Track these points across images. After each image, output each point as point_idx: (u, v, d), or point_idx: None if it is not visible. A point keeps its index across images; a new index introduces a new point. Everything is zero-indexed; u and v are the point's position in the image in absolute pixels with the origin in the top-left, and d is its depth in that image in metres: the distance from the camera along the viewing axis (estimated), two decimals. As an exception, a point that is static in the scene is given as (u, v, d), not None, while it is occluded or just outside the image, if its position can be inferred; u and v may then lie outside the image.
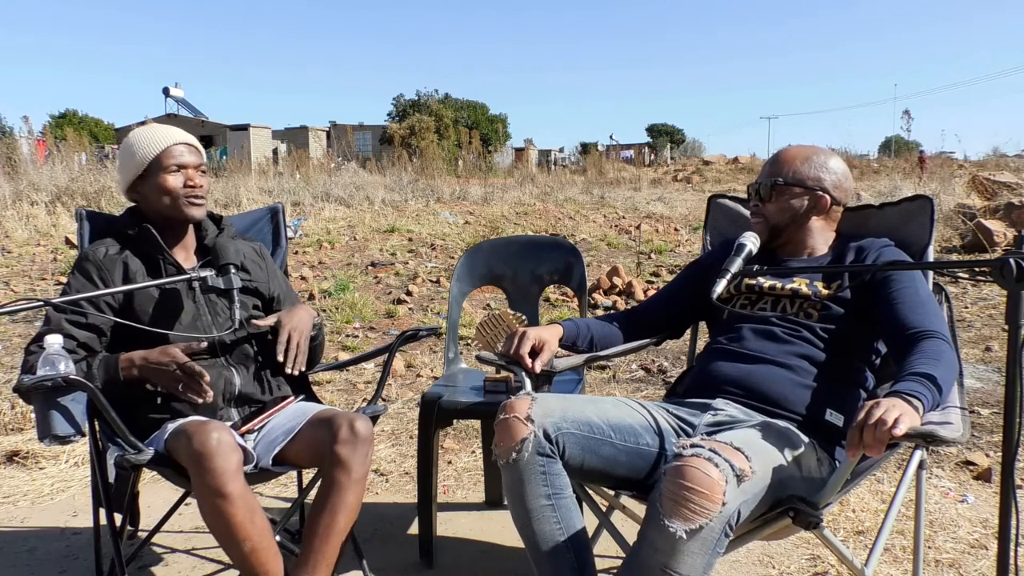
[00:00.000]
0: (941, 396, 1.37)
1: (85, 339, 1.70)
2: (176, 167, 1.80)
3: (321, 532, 1.60)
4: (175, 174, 1.80)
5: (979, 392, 3.55)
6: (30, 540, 2.31)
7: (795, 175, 1.76)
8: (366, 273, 7.12)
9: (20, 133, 15.16)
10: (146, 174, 1.80)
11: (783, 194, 1.76)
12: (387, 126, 38.22)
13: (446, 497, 2.62)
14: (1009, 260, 1.17)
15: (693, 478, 1.22)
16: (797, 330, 1.66)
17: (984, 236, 8.01)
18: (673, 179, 24.95)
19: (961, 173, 16.32)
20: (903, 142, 45.85)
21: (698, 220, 11.29)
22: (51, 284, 6.35)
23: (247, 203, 11.36)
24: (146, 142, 1.80)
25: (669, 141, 52.16)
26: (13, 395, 2.83)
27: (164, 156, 1.79)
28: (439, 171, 16.61)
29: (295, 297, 2.07)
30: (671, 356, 4.35)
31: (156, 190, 1.80)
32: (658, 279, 6.82)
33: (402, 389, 3.81)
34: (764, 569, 2.09)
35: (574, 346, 1.82)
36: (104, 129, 37.73)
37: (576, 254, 2.45)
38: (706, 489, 1.21)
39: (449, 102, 41.18)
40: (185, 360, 1.68)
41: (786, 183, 1.76)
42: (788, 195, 1.76)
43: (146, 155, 1.79)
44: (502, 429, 1.47)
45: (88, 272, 1.74)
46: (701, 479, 1.22)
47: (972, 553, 2.15)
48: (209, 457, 1.47)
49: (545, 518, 1.43)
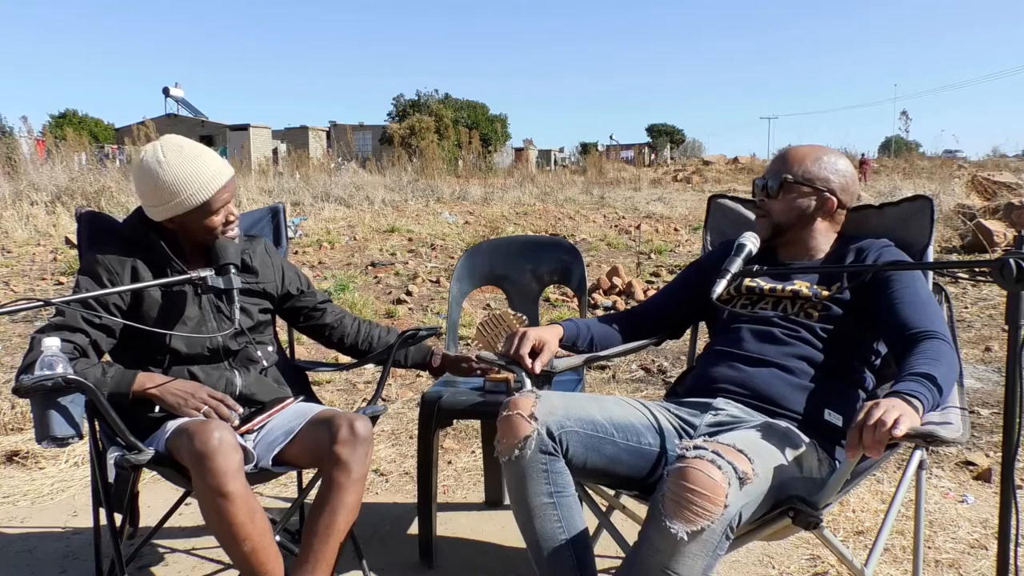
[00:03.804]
0: (941, 396, 1.36)
1: (96, 337, 1.69)
2: (221, 205, 1.77)
3: (321, 532, 1.60)
4: (219, 214, 1.77)
5: (979, 392, 3.55)
6: (30, 540, 2.31)
7: (805, 174, 1.75)
8: (366, 273, 7.12)
9: (20, 133, 15.16)
10: (190, 213, 1.74)
11: (791, 192, 1.75)
12: (387, 126, 38.21)
13: (446, 497, 2.62)
14: (1009, 260, 1.17)
15: (696, 480, 1.22)
16: (797, 331, 1.66)
17: (984, 236, 8.01)
18: (673, 179, 24.95)
19: (961, 173, 16.32)
20: (903, 142, 45.85)
21: (698, 220, 11.30)
22: (51, 284, 6.35)
23: (247, 203, 11.36)
24: (196, 186, 1.71)
25: (669, 141, 52.17)
26: (13, 395, 2.83)
27: (213, 200, 1.74)
28: (439, 171, 16.62)
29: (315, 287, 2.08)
30: (671, 356, 4.35)
31: (197, 227, 1.77)
32: (658, 279, 6.81)
33: (402, 389, 3.81)
34: (764, 569, 2.09)
35: (574, 346, 1.81)
36: (104, 129, 37.72)
37: (576, 254, 2.45)
38: (708, 491, 1.21)
39: (449, 102, 41.16)
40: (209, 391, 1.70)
41: (795, 181, 1.75)
42: (796, 193, 1.75)
43: (195, 200, 1.72)
44: (505, 426, 1.47)
45: (98, 274, 1.74)
46: (704, 481, 1.21)
47: (972, 553, 2.15)
48: (210, 456, 1.47)
49: (547, 516, 1.43)
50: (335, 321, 2.03)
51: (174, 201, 1.72)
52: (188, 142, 1.77)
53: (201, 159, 1.74)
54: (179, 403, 1.67)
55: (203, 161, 1.74)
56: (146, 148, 1.76)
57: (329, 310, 2.04)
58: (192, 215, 1.75)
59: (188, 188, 1.71)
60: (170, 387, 1.68)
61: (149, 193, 1.74)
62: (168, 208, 1.73)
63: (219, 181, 1.75)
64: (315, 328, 2.04)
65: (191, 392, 1.69)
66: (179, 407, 1.66)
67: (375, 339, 2.05)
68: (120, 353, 1.78)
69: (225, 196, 1.77)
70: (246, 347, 1.86)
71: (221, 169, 1.77)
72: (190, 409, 1.66)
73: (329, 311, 2.04)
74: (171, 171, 1.70)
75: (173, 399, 1.67)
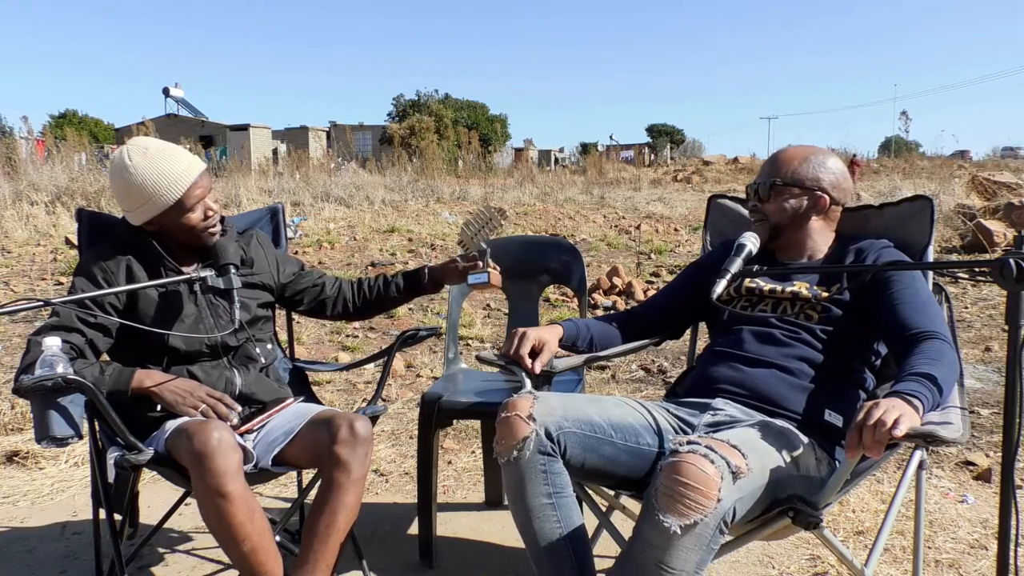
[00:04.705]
0: (942, 396, 1.36)
1: (92, 337, 1.69)
2: (196, 202, 1.75)
3: (321, 532, 1.60)
4: (196, 211, 1.76)
5: (979, 392, 3.55)
6: (30, 540, 2.31)
7: (793, 175, 1.76)
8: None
9: (20, 133, 15.17)
10: (166, 213, 1.74)
11: (781, 194, 1.76)
12: (387, 126, 38.20)
13: (446, 497, 2.62)
14: (1009, 260, 1.17)
15: (688, 474, 1.22)
16: (797, 332, 1.66)
17: (984, 236, 8.01)
18: (673, 179, 24.93)
19: (961, 173, 16.33)
20: (903, 142, 45.84)
21: (698, 220, 11.30)
22: (51, 284, 6.35)
23: (247, 203, 11.36)
24: (165, 184, 1.70)
25: (669, 141, 52.13)
26: (13, 395, 2.83)
27: (186, 198, 1.73)
28: (439, 171, 16.61)
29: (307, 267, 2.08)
30: (671, 356, 4.35)
31: (177, 227, 1.76)
32: (658, 279, 6.81)
33: (402, 389, 3.81)
34: (764, 569, 2.09)
35: (574, 346, 1.82)
36: (104, 129, 37.70)
37: (576, 254, 2.45)
38: (701, 485, 1.21)
39: (449, 102, 41.14)
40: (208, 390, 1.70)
41: (784, 183, 1.76)
42: (787, 195, 1.76)
43: (166, 199, 1.71)
44: (503, 427, 1.47)
45: (93, 274, 1.74)
46: (696, 475, 1.22)
47: (972, 553, 2.15)
48: (210, 456, 1.47)
49: (545, 517, 1.43)
50: (334, 291, 2.03)
51: (146, 204, 1.71)
52: (155, 142, 1.75)
53: (168, 158, 1.72)
54: (177, 401, 1.67)
55: (170, 159, 1.72)
56: (114, 154, 1.76)
57: (327, 283, 2.04)
58: (168, 215, 1.74)
59: (157, 188, 1.70)
60: (169, 385, 1.68)
61: (123, 198, 1.74)
62: (143, 211, 1.73)
63: (188, 178, 1.73)
64: (320, 304, 2.03)
65: (189, 391, 1.69)
66: (177, 405, 1.66)
67: (380, 287, 2.02)
68: (119, 352, 1.78)
69: (198, 192, 1.75)
70: (245, 344, 1.86)
71: (191, 165, 1.75)
72: (188, 407, 1.66)
73: (327, 283, 2.03)
74: (138, 173, 1.70)
75: (171, 397, 1.67)
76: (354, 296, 2.03)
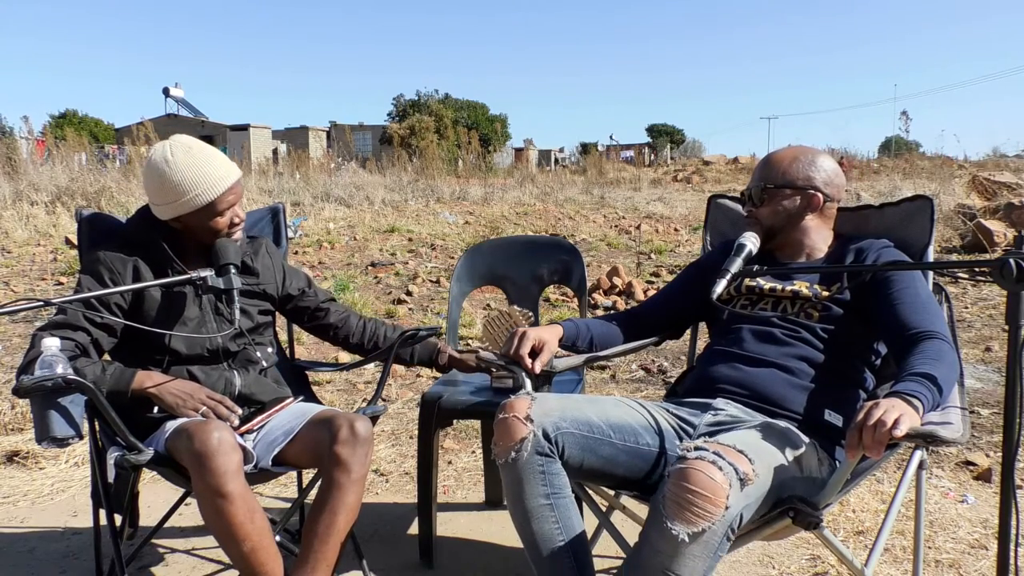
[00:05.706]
0: (942, 396, 1.36)
1: (97, 336, 1.70)
2: (228, 207, 1.78)
3: (321, 532, 1.60)
4: (225, 215, 1.78)
5: (979, 392, 3.55)
6: (30, 540, 2.31)
7: (784, 176, 1.77)
8: (366, 273, 7.11)
9: (20, 133, 15.17)
10: (196, 212, 1.75)
11: (774, 197, 1.77)
12: (387, 126, 38.20)
13: (446, 497, 2.62)
14: (1009, 260, 1.17)
15: (697, 481, 1.22)
16: (797, 331, 1.66)
17: (984, 236, 8.01)
18: (673, 179, 24.91)
19: (961, 173, 16.32)
20: (903, 142, 45.80)
21: (698, 220, 11.29)
22: (51, 284, 6.35)
23: (247, 203, 11.33)
24: (203, 187, 1.73)
25: (669, 141, 52.09)
26: (13, 395, 2.83)
27: (219, 201, 1.75)
28: (439, 171, 16.59)
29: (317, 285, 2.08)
30: (671, 356, 4.35)
31: (202, 228, 1.78)
32: (658, 279, 6.81)
33: (402, 389, 3.81)
34: (764, 569, 2.09)
35: (574, 346, 1.82)
36: (104, 129, 37.71)
37: (576, 254, 2.45)
38: (710, 492, 1.21)
39: (449, 102, 41.14)
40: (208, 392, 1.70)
41: (776, 186, 1.77)
42: (780, 197, 1.77)
43: (200, 200, 1.73)
44: (501, 428, 1.47)
45: (100, 273, 1.74)
46: (705, 482, 1.22)
47: (972, 553, 2.15)
48: (210, 456, 1.47)
49: (544, 518, 1.43)
50: (339, 321, 2.03)
51: (180, 200, 1.73)
52: (198, 143, 1.78)
53: (209, 160, 1.75)
54: (177, 403, 1.67)
55: (211, 162, 1.75)
56: (156, 146, 1.78)
57: (332, 309, 2.03)
58: (197, 215, 1.76)
59: (195, 188, 1.72)
60: (169, 387, 1.68)
61: (155, 191, 1.75)
62: (173, 207, 1.74)
63: (225, 183, 1.76)
64: (320, 328, 2.04)
65: (190, 393, 1.69)
66: (177, 407, 1.66)
67: (381, 337, 2.04)
68: (120, 352, 1.78)
69: (231, 198, 1.78)
70: (245, 348, 1.86)
71: (229, 171, 1.78)
72: (188, 409, 1.66)
73: (333, 311, 2.03)
74: (179, 170, 1.72)
75: (171, 399, 1.67)
76: (359, 338, 2.03)
